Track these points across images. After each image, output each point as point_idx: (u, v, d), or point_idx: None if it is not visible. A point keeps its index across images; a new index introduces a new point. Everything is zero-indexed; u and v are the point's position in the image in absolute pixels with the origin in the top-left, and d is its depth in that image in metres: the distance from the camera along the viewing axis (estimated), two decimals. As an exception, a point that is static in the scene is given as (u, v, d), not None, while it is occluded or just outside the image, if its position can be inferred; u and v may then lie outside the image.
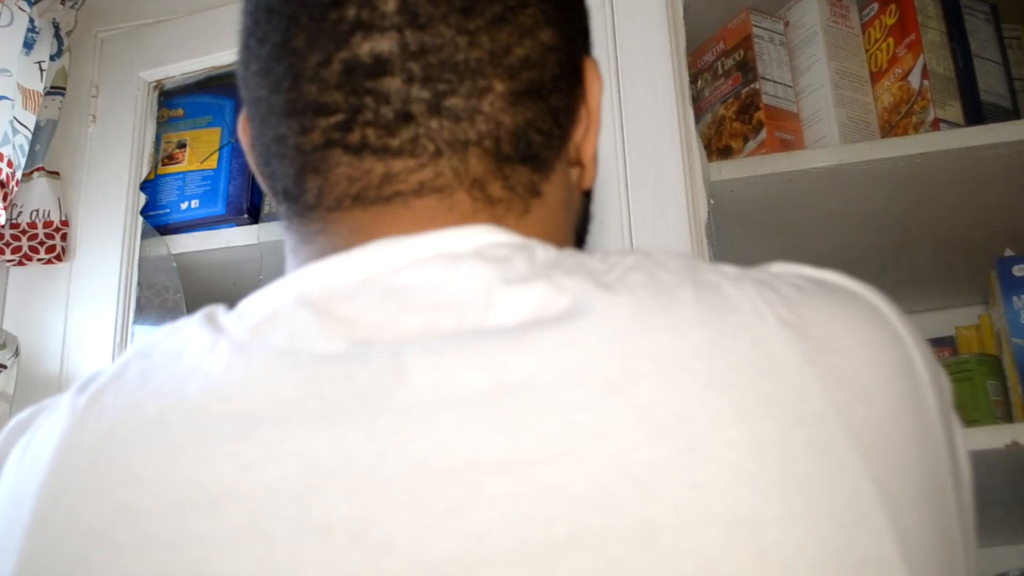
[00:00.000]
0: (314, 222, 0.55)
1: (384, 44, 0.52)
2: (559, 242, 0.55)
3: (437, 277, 0.49)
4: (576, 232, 0.61)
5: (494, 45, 0.53)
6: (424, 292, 0.49)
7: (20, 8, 1.24)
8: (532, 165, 0.54)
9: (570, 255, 0.51)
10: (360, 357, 0.46)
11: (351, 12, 0.52)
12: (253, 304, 0.52)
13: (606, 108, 1.14)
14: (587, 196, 0.63)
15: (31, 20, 1.25)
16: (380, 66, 0.52)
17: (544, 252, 0.50)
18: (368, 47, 0.52)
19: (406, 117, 0.52)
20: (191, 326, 0.51)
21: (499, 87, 0.53)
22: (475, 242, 0.51)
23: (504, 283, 0.48)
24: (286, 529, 0.43)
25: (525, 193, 0.54)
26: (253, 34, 0.56)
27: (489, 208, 0.53)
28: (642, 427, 0.42)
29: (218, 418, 0.45)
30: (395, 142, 0.52)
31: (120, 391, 0.49)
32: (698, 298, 0.47)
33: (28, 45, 1.25)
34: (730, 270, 0.49)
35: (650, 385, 0.43)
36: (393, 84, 0.52)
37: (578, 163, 0.59)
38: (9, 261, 1.28)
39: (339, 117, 0.52)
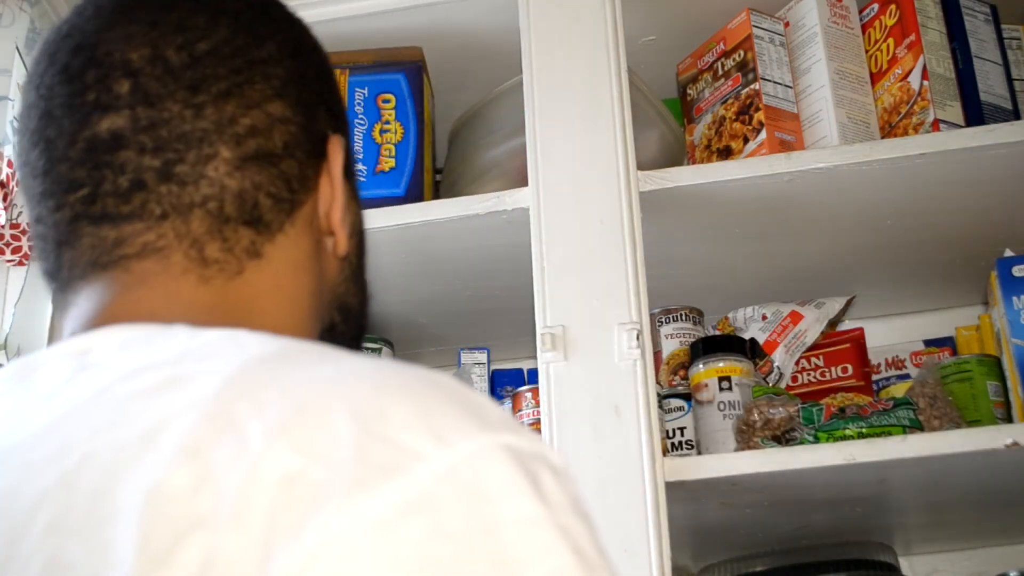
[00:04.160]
0: (68, 295, 0.59)
1: (119, 121, 0.57)
2: (279, 303, 0.59)
3: (53, 373, 0.52)
4: (338, 298, 0.64)
5: (220, 116, 0.58)
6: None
7: (21, 9, 1.24)
8: (256, 227, 0.58)
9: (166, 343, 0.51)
10: None
11: (91, 96, 0.57)
12: None
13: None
14: (359, 265, 0.66)
15: (31, 21, 1.25)
16: (116, 141, 0.57)
17: (164, 341, 0.51)
18: (106, 124, 0.57)
19: (139, 185, 0.56)
20: None
21: (225, 153, 0.57)
22: (101, 341, 0.53)
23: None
24: None
25: (243, 254, 0.58)
26: (21, 131, 0.61)
27: (200, 269, 0.57)
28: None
29: None
30: (127, 208, 0.56)
31: None
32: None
33: (29, 46, 1.25)
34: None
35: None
36: (128, 156, 0.56)
37: (329, 232, 0.62)
38: (9, 261, 1.28)
39: (85, 191, 0.57)
